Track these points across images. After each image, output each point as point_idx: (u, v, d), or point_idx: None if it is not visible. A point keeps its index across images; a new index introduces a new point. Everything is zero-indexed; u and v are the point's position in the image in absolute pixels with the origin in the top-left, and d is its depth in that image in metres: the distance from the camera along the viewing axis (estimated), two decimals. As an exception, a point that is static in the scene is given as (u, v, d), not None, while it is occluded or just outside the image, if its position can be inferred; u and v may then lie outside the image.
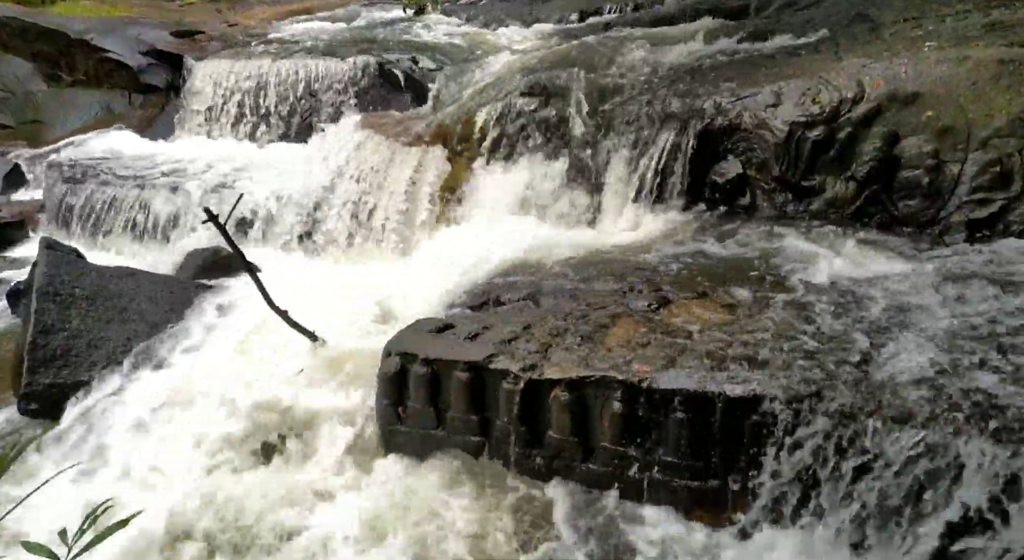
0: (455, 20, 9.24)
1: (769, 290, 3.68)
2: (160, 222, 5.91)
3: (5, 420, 3.96)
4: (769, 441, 2.77)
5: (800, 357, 2.99)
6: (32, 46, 9.43)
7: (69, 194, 6.43)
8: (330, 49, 7.77)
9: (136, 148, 7.26)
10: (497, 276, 4.40)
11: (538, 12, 8.71)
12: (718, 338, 3.24)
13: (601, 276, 4.11)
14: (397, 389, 3.60)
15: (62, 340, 4.09)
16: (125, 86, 8.93)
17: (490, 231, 5.03)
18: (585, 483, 3.16)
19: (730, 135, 4.94)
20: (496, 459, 3.39)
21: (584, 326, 3.56)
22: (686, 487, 2.96)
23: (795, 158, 4.65)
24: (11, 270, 5.95)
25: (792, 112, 4.69)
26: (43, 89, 9.45)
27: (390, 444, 3.63)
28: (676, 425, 2.95)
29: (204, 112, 7.60)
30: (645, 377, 3.03)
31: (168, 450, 3.59)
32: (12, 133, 9.15)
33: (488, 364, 3.38)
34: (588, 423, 3.16)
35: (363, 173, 5.69)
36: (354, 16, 10.25)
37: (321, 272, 5.14)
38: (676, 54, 6.17)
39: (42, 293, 4.19)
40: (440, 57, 7.40)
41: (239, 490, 3.33)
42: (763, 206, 4.83)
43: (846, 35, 5.62)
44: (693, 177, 4.96)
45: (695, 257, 4.24)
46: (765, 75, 5.24)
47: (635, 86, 5.57)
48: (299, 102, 7.24)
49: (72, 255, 4.68)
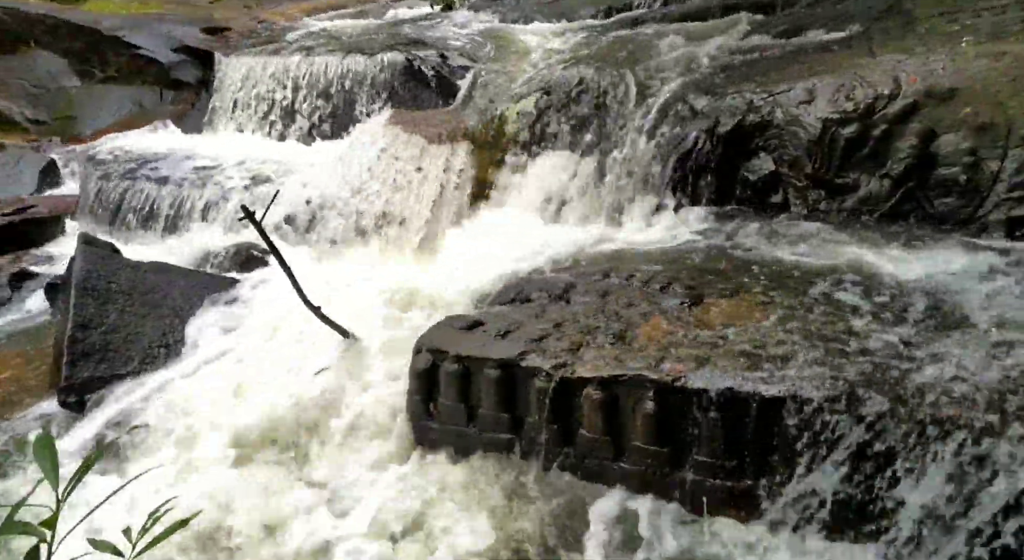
0: (482, 16, 9.22)
1: (804, 289, 3.64)
2: (193, 217, 5.99)
3: (45, 412, 4.03)
4: (804, 443, 2.75)
5: (836, 357, 2.96)
6: (65, 43, 9.58)
7: (104, 189, 6.53)
8: (358, 45, 7.80)
9: (169, 144, 7.34)
10: (527, 273, 4.41)
11: (566, 7, 8.67)
12: (752, 337, 3.22)
13: (632, 274, 4.09)
14: (427, 385, 3.63)
15: (100, 335, 4.16)
16: (156, 82, 9.04)
17: (519, 228, 5.03)
18: (617, 482, 3.16)
19: (762, 132, 4.90)
20: (527, 457, 3.40)
21: (615, 324, 3.55)
22: (719, 487, 2.95)
23: (828, 155, 4.60)
24: (47, 265, 6.05)
25: (825, 109, 4.64)
26: (76, 85, 9.60)
27: (420, 440, 3.65)
28: (710, 425, 2.93)
29: (234, 108, 7.67)
30: (678, 376, 3.02)
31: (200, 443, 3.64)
32: (46, 128, 9.31)
33: (519, 362, 3.39)
34: (620, 422, 3.16)
35: (392, 170, 5.72)
36: (382, 12, 10.29)
37: (350, 268, 5.17)
38: (706, 50, 6.13)
39: (80, 288, 4.27)
40: (468, 53, 7.40)
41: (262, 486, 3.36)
42: (795, 204, 4.78)
43: (880, 30, 5.54)
44: (724, 174, 4.93)
45: (727, 255, 4.21)
46: (797, 71, 5.19)
47: (665, 82, 5.54)
48: (328, 99, 7.27)
49: (108, 250, 4.76)
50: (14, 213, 6.46)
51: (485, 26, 8.69)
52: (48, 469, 1.06)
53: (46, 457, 1.07)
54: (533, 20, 8.52)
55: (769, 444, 2.85)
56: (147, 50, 8.95)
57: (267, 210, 3.82)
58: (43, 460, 1.07)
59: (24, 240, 6.39)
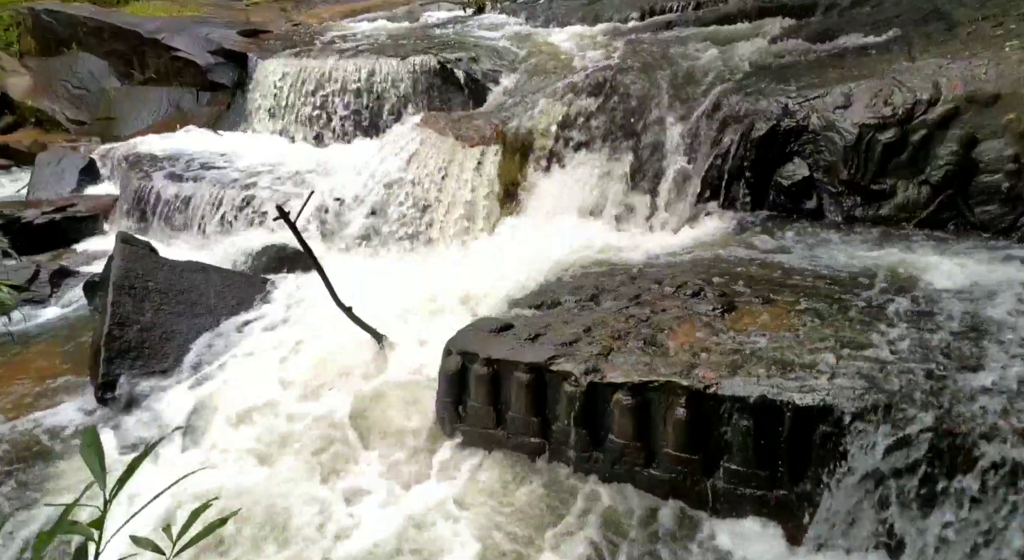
0: (514, 19, 9.22)
1: (839, 296, 3.59)
2: (227, 217, 6.07)
3: (82, 407, 4.11)
4: (839, 453, 2.71)
5: (873, 367, 2.91)
6: (106, 45, 9.78)
7: (141, 189, 6.64)
8: (391, 48, 7.85)
9: (204, 145, 7.45)
10: (557, 276, 4.41)
11: (598, 11, 8.64)
12: (786, 345, 3.18)
13: (663, 278, 4.07)
14: (457, 387, 3.63)
15: (136, 332, 4.23)
16: (193, 84, 9.18)
17: (550, 231, 5.03)
18: (647, 489, 3.14)
19: (796, 137, 4.86)
20: (555, 461, 3.39)
21: (646, 329, 3.53)
22: (751, 496, 2.92)
23: (865, 161, 4.54)
24: (85, 262, 6.17)
25: (863, 114, 4.58)
26: (116, 86, 9.79)
27: (450, 441, 3.65)
28: (742, 433, 2.91)
29: (269, 110, 7.77)
30: (711, 383, 2.99)
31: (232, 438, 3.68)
32: (87, 129, 9.51)
33: (549, 366, 3.38)
34: (651, 428, 3.14)
35: (424, 173, 5.74)
36: (414, 15, 10.35)
37: (382, 270, 5.20)
38: (740, 53, 6.08)
39: (118, 286, 4.34)
40: (500, 56, 7.41)
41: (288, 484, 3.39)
42: (830, 210, 4.73)
43: (919, 34, 5.46)
44: (758, 179, 4.89)
45: (760, 261, 4.17)
46: (833, 76, 5.13)
47: (698, 86, 5.50)
48: (361, 101, 7.34)
49: (146, 249, 4.84)
50: (55, 211, 6.60)
51: (517, 29, 8.70)
52: (95, 468, 1.08)
53: (93, 456, 1.09)
54: (565, 23, 8.50)
55: (804, 454, 2.81)
56: (185, 52, 9.10)
57: (301, 210, 3.86)
58: (90, 459, 1.09)
59: (64, 238, 6.52)
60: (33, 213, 6.51)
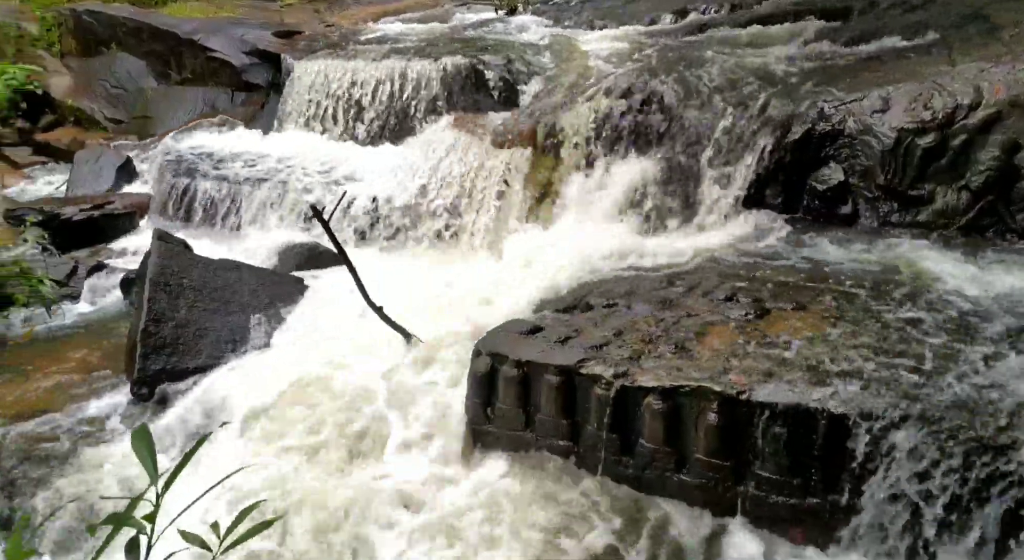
0: (546, 21, 9.22)
1: (874, 303, 3.54)
2: (260, 216, 6.14)
3: (118, 402, 4.19)
4: (874, 462, 2.67)
5: (910, 376, 2.87)
6: (144, 45, 9.94)
7: (176, 187, 6.75)
8: (423, 50, 7.88)
9: (238, 144, 7.55)
10: (587, 279, 4.39)
11: (631, 13, 8.61)
12: (820, 351, 3.14)
13: (694, 283, 4.04)
14: (487, 389, 3.63)
15: (171, 329, 4.29)
16: (228, 84, 9.29)
17: (580, 233, 5.01)
18: (677, 494, 3.12)
19: (832, 141, 4.79)
20: (584, 464, 3.38)
21: (677, 333, 3.51)
22: (784, 504, 2.89)
23: (903, 166, 4.47)
24: (121, 259, 6.29)
25: (901, 118, 4.51)
26: (153, 86, 9.95)
27: (478, 443, 3.66)
28: (775, 440, 2.87)
29: (302, 111, 7.83)
30: (743, 389, 2.96)
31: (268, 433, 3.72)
32: (124, 128, 9.67)
33: (579, 369, 3.37)
34: (682, 433, 3.12)
35: (455, 174, 5.77)
36: (446, 17, 10.37)
37: (413, 271, 5.23)
38: (776, 56, 6.02)
39: (154, 283, 4.41)
40: (532, 58, 7.41)
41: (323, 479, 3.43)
42: (866, 215, 4.66)
43: (960, 37, 5.36)
44: (792, 183, 4.83)
45: (794, 266, 4.12)
46: (871, 79, 5.06)
47: (733, 89, 5.45)
48: (392, 102, 7.37)
49: (181, 246, 4.91)
50: (93, 208, 6.72)
51: (549, 31, 8.69)
52: (147, 463, 1.10)
53: (145, 451, 1.11)
54: (598, 25, 8.48)
55: (837, 462, 2.78)
56: (221, 53, 9.21)
57: (335, 210, 3.89)
58: (141, 453, 1.11)
59: (101, 235, 6.64)
60: (72, 210, 6.65)
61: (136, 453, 1.12)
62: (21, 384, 4.43)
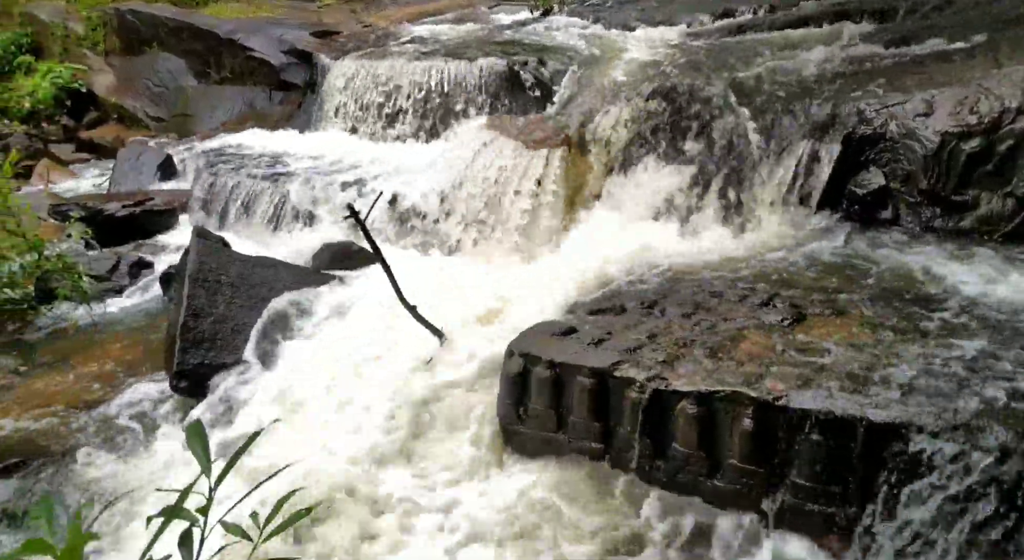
0: (582, 21, 9.18)
1: (915, 311, 3.48)
2: (297, 214, 6.22)
3: (157, 394, 4.27)
4: (914, 473, 2.62)
5: (952, 385, 2.81)
6: (185, 44, 10.13)
7: (214, 184, 6.86)
8: (458, 50, 7.91)
9: (276, 143, 7.65)
10: (621, 281, 4.37)
11: (668, 14, 8.54)
12: (859, 359, 3.10)
13: (730, 286, 4.00)
14: (519, 389, 3.64)
15: (210, 324, 4.37)
16: (266, 83, 9.43)
17: (615, 235, 5.00)
18: (710, 499, 3.10)
19: (873, 144, 4.72)
20: (616, 467, 3.37)
21: (712, 338, 3.48)
22: (819, 512, 2.85)
23: (946, 171, 4.38)
24: (161, 254, 6.41)
25: (945, 122, 4.42)
26: (193, 85, 10.14)
27: (510, 443, 3.67)
28: (811, 447, 2.84)
29: (338, 110, 7.92)
30: (780, 395, 2.93)
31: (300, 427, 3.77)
32: (165, 125, 9.87)
33: (613, 371, 3.36)
34: (716, 438, 3.09)
35: (489, 174, 5.77)
36: (481, 17, 10.40)
37: (446, 270, 5.24)
38: (816, 58, 5.94)
39: (193, 279, 4.49)
40: (567, 59, 7.39)
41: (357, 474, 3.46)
42: (907, 220, 4.58)
43: (1008, 39, 5.24)
44: (831, 187, 4.76)
45: (832, 271, 4.06)
46: (914, 82, 4.97)
47: (772, 91, 5.39)
48: (428, 102, 7.41)
49: (219, 244, 4.99)
50: (135, 205, 6.86)
51: (585, 31, 8.66)
52: (201, 456, 1.12)
53: (199, 445, 1.13)
54: (634, 26, 8.42)
55: (876, 471, 2.73)
56: (260, 52, 9.36)
57: (371, 209, 3.92)
58: (196, 447, 1.14)
59: (142, 230, 6.77)
60: (114, 206, 6.79)
61: (190, 447, 1.14)
62: (64, 376, 4.54)
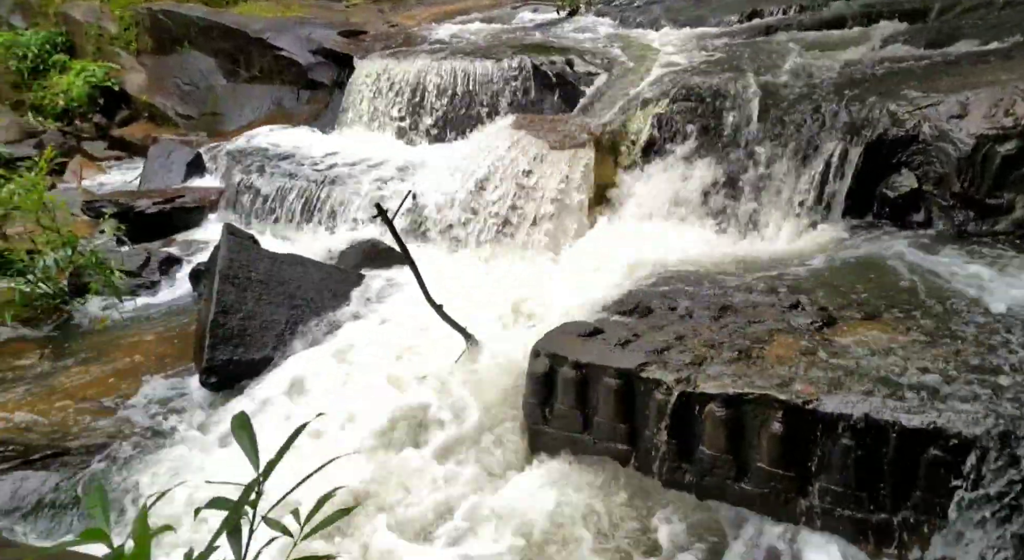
0: (609, 21, 9.17)
1: (949, 315, 3.43)
2: (324, 212, 6.27)
3: (187, 389, 4.33)
4: (949, 480, 2.59)
5: (988, 391, 2.77)
6: (215, 44, 10.23)
7: (243, 182, 6.94)
8: (485, 50, 7.93)
9: (304, 141, 7.71)
10: (647, 282, 4.34)
11: (696, 14, 8.50)
12: (891, 363, 3.06)
13: (758, 289, 3.97)
14: (544, 389, 3.63)
15: (239, 320, 4.41)
16: (294, 82, 9.50)
17: (641, 236, 4.98)
18: (737, 503, 3.07)
19: (905, 147, 4.66)
20: (643, 469, 3.36)
21: (741, 340, 3.46)
22: (849, 517, 2.82)
23: (981, 173, 4.32)
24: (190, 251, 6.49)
25: (980, 124, 4.36)
26: (222, 83, 10.24)
27: (535, 443, 3.67)
28: (842, 452, 2.81)
29: (365, 109, 7.96)
30: (810, 399, 2.90)
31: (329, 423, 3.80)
32: (194, 124, 9.98)
33: (640, 373, 3.35)
34: (744, 442, 3.07)
35: (515, 174, 5.78)
36: (508, 17, 10.41)
37: (471, 270, 5.26)
38: (846, 59, 5.89)
39: (223, 276, 4.54)
40: (594, 59, 7.38)
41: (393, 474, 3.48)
42: (939, 224, 4.52)
43: (1045, 40, 5.16)
44: (861, 190, 4.72)
45: (862, 274, 4.01)
46: (947, 83, 4.90)
47: (801, 92, 5.35)
48: (455, 102, 7.43)
49: (249, 241, 5.04)
50: (165, 202, 6.95)
51: (612, 31, 8.65)
52: (248, 449, 1.13)
53: (246, 438, 1.14)
54: (661, 26, 8.39)
55: (909, 478, 2.69)
56: (288, 52, 9.43)
57: (399, 209, 3.94)
58: (242, 440, 1.15)
59: (172, 227, 6.86)
60: (145, 203, 6.88)
61: (237, 440, 1.16)
62: (96, 369, 4.61)
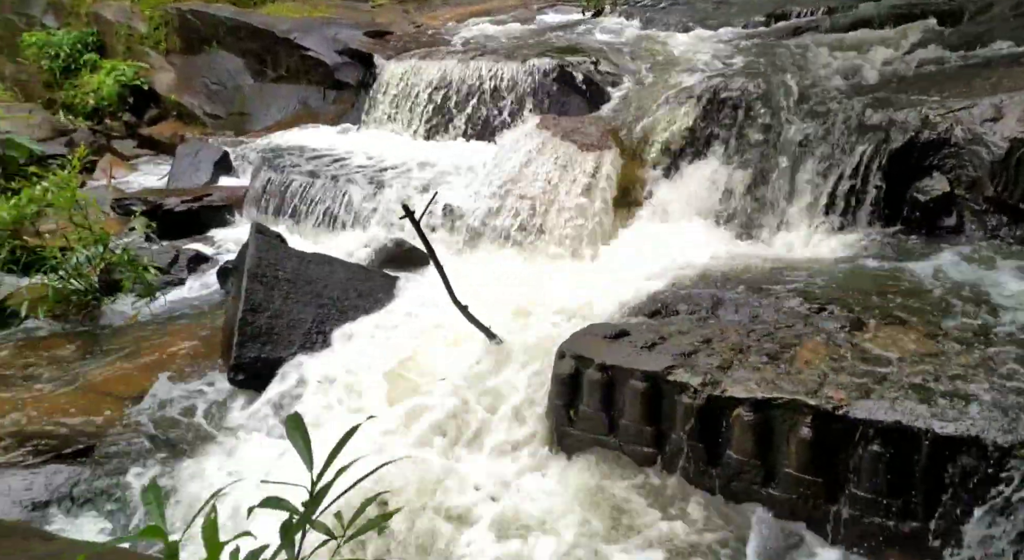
0: (634, 22, 9.13)
1: (981, 321, 3.39)
2: (350, 212, 6.31)
3: (216, 386, 4.38)
4: (982, 489, 2.55)
5: (1022, 398, 2.73)
6: (243, 44, 10.33)
7: (270, 181, 6.99)
8: (510, 51, 7.93)
9: (330, 141, 7.77)
10: (674, 285, 4.33)
11: (722, 15, 8.45)
12: (922, 369, 3.02)
13: (787, 292, 3.94)
14: (570, 391, 3.63)
15: (266, 319, 4.45)
16: (320, 82, 9.57)
17: (667, 239, 4.96)
18: (765, 508, 3.05)
19: (936, 150, 4.61)
20: (668, 472, 3.35)
21: (769, 344, 3.44)
22: (879, 525, 2.79)
23: (1015, 177, 4.26)
24: (217, 249, 6.56)
25: (1015, 127, 4.30)
26: (249, 83, 10.34)
27: (560, 444, 3.67)
28: (872, 459, 2.78)
29: (391, 110, 8.01)
30: (840, 404, 2.88)
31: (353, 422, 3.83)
32: (222, 123, 10.09)
33: (667, 376, 3.33)
34: (772, 446, 3.05)
35: (540, 175, 5.78)
36: (533, 18, 10.41)
37: (497, 271, 5.26)
38: (876, 61, 5.82)
39: (251, 274, 4.58)
40: (620, 60, 7.36)
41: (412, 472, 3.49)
42: (971, 229, 4.46)
43: (1081, 43, 5.07)
44: (891, 193, 4.67)
45: (893, 279, 3.98)
46: (981, 86, 4.84)
47: (830, 95, 5.30)
48: (479, 102, 7.45)
49: (277, 239, 5.09)
50: (193, 200, 7.03)
51: (637, 32, 8.61)
52: (302, 449, 1.15)
53: (299, 439, 1.16)
54: (687, 27, 8.35)
55: (941, 486, 2.66)
56: (315, 52, 9.49)
57: (426, 210, 3.96)
58: (297, 442, 1.16)
59: (200, 225, 6.94)
60: (174, 201, 6.97)
61: (291, 440, 1.17)
62: (126, 365, 4.67)
